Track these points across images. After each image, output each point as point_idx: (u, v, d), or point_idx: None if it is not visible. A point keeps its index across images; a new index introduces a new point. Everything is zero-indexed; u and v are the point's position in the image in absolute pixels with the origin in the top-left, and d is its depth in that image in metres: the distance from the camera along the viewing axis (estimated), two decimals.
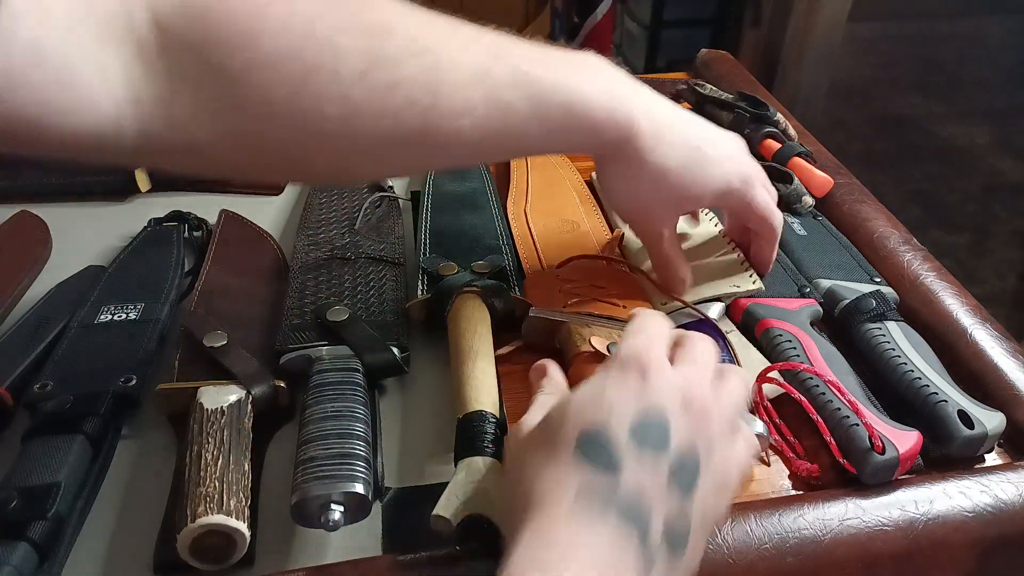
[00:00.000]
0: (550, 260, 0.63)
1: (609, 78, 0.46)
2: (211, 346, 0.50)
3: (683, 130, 0.49)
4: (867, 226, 0.66)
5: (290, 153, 0.39)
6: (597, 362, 0.50)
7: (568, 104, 0.43)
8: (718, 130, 0.52)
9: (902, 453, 0.44)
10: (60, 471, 0.43)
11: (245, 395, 0.47)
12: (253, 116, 0.37)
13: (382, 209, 0.69)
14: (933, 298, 0.58)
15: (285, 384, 0.49)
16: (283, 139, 0.38)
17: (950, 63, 3.20)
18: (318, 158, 0.40)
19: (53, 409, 0.46)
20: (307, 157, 0.40)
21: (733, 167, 0.52)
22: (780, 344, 0.53)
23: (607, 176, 0.51)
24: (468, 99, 0.40)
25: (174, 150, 0.38)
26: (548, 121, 0.43)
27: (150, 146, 0.36)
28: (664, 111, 0.48)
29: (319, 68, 0.36)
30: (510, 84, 0.41)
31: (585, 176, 0.77)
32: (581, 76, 0.44)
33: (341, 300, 0.55)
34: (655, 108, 0.48)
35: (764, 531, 0.41)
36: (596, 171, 0.52)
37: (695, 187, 0.50)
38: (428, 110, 0.39)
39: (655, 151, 0.47)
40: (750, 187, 0.53)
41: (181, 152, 0.38)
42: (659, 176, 0.48)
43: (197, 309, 0.54)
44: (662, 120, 0.47)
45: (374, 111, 0.38)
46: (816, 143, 0.80)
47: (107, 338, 0.53)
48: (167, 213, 0.68)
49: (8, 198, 0.72)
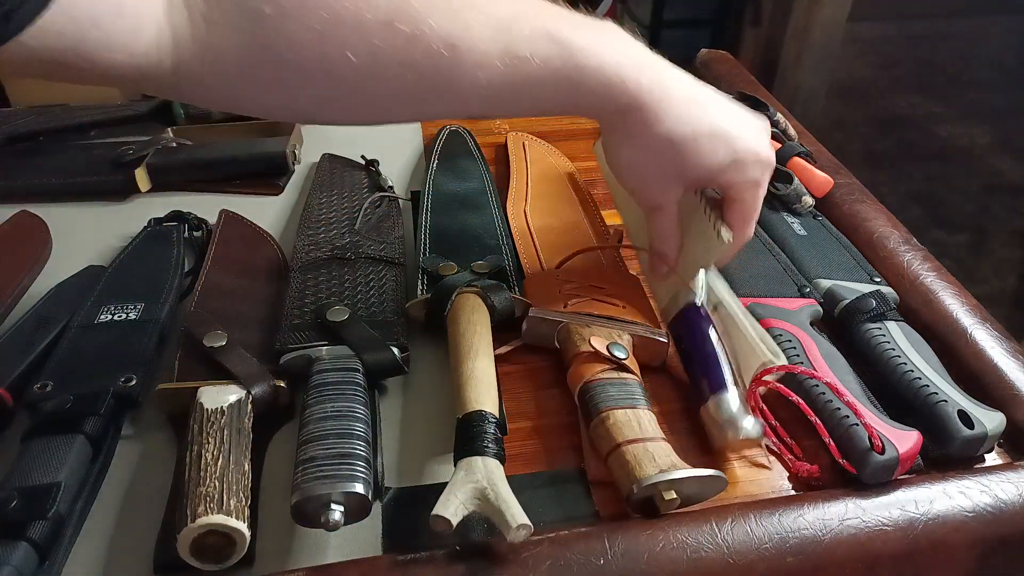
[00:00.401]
0: (550, 260, 0.63)
1: (626, 45, 0.46)
2: (211, 346, 0.50)
3: (695, 105, 0.48)
4: (867, 226, 0.66)
5: (316, 95, 0.42)
6: (597, 362, 0.50)
7: (582, 66, 0.44)
8: (740, 111, 0.51)
9: (902, 453, 0.44)
10: (60, 471, 0.43)
11: (245, 395, 0.47)
12: (282, 61, 0.39)
13: (382, 209, 0.69)
14: (933, 298, 0.58)
15: (285, 384, 0.49)
16: (309, 82, 0.40)
17: (950, 63, 3.20)
18: (340, 101, 0.42)
19: (53, 409, 0.46)
20: (331, 99, 0.42)
21: (747, 150, 0.49)
22: (780, 344, 0.53)
23: (612, 143, 0.50)
24: (487, 53, 0.41)
25: (208, 85, 0.40)
26: (561, 80, 0.44)
27: (185, 79, 0.39)
28: (677, 84, 0.48)
29: (345, 16, 0.38)
30: (528, 39, 0.42)
31: (585, 175, 0.78)
32: (600, 40, 0.45)
33: (341, 300, 0.55)
34: (668, 80, 0.47)
35: (764, 531, 0.41)
36: (602, 137, 0.52)
37: (700, 163, 0.48)
38: (447, 61, 0.41)
39: (661, 122, 0.47)
40: (755, 183, 0.51)
41: (214, 87, 0.41)
42: (663, 148, 0.48)
43: (197, 309, 0.54)
44: (674, 92, 0.47)
45: (395, 61, 0.40)
46: (816, 143, 0.80)
47: (107, 338, 0.53)
48: (167, 213, 0.68)
49: (8, 198, 0.73)
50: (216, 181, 0.76)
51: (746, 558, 0.41)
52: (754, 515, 0.42)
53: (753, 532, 0.41)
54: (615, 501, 0.45)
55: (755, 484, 0.47)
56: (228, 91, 0.41)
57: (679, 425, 0.51)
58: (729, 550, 0.41)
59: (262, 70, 0.39)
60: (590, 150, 0.84)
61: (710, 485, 0.44)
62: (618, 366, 0.49)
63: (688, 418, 0.51)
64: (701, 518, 0.42)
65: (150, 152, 0.75)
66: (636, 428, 0.45)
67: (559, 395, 0.53)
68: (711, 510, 0.43)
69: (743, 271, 0.61)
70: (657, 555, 0.40)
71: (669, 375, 0.55)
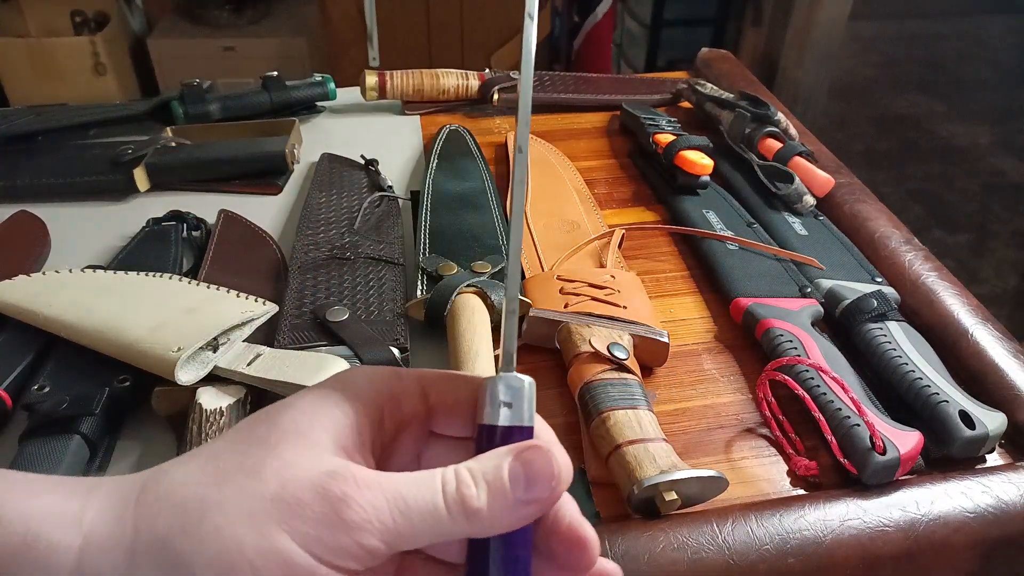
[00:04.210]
0: (550, 260, 0.63)
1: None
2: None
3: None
4: (868, 226, 0.66)
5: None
6: (597, 362, 0.49)
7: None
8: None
9: (903, 453, 0.44)
10: (56, 472, 0.42)
11: (244, 395, 0.47)
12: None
13: (382, 209, 0.69)
14: (934, 298, 0.57)
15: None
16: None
17: (951, 63, 3.19)
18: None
19: (49, 410, 0.46)
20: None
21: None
22: (781, 344, 0.53)
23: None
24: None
25: None
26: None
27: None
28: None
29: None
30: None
31: (585, 175, 0.77)
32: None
33: (341, 300, 0.55)
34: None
35: (765, 532, 0.41)
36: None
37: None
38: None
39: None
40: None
41: None
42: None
43: None
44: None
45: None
46: (817, 142, 0.80)
47: None
48: (166, 213, 0.68)
49: (7, 197, 0.72)
50: (215, 181, 0.76)
51: (747, 559, 0.40)
52: (755, 516, 0.42)
53: (754, 533, 0.41)
54: (615, 502, 0.45)
55: (756, 485, 0.47)
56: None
57: (679, 426, 0.51)
58: (730, 551, 0.40)
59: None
60: (590, 150, 0.84)
61: (711, 486, 0.43)
62: (618, 366, 0.49)
63: (688, 418, 0.51)
64: (702, 519, 0.42)
65: (149, 152, 0.75)
66: (637, 429, 0.45)
67: (559, 395, 0.52)
68: (712, 511, 0.43)
69: (744, 271, 0.61)
70: (657, 556, 0.40)
71: (669, 375, 0.55)
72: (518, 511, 0.25)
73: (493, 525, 0.25)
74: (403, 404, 0.28)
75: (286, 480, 0.24)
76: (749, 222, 0.68)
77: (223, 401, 0.46)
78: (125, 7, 2.33)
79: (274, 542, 0.23)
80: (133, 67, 2.31)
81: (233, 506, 0.23)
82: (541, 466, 0.25)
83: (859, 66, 3.07)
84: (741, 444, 0.49)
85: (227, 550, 0.23)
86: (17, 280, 0.56)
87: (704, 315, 0.61)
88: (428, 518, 0.24)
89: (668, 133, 0.77)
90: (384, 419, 0.27)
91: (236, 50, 2.26)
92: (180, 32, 2.29)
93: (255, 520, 0.23)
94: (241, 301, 0.53)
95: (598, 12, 2.33)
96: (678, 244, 0.69)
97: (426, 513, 0.24)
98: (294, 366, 0.47)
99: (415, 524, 0.24)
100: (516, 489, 0.24)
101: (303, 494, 0.23)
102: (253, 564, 0.23)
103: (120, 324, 0.50)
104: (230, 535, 0.23)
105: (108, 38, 2.16)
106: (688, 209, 0.70)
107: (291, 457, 0.24)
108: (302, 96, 0.88)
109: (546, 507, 0.26)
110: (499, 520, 0.25)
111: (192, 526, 0.23)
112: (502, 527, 0.25)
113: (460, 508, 0.24)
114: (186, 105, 0.83)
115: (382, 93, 0.89)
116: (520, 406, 0.26)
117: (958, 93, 2.96)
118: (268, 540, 0.23)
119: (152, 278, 0.56)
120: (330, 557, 0.23)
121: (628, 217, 0.73)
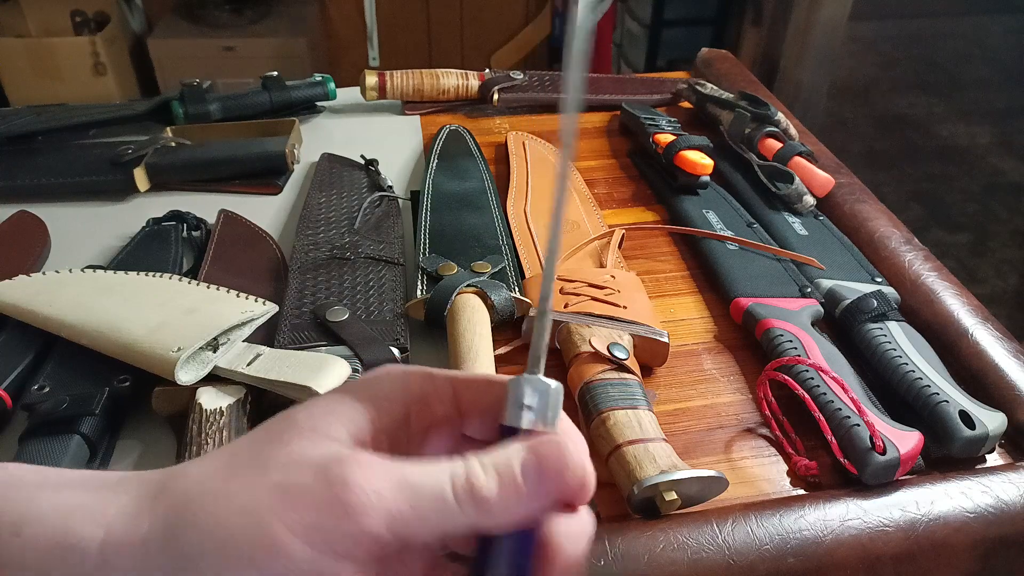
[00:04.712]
0: None
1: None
2: None
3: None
4: (868, 226, 0.66)
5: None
6: (597, 362, 0.49)
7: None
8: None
9: (903, 453, 0.44)
10: None
11: (244, 395, 0.47)
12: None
13: (381, 209, 0.69)
14: (934, 298, 0.57)
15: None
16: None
17: (951, 63, 3.19)
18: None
19: (49, 410, 0.46)
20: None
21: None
22: (781, 344, 0.53)
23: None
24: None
25: None
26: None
27: None
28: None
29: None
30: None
31: (585, 175, 0.77)
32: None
33: (341, 300, 0.55)
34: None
35: (765, 532, 0.41)
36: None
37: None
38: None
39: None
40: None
41: None
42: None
43: None
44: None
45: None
46: (817, 142, 0.80)
47: None
48: (166, 212, 0.68)
49: (7, 198, 0.72)
50: (215, 181, 0.76)
51: (747, 559, 0.40)
52: (755, 516, 0.42)
53: (754, 533, 0.41)
54: (615, 502, 0.45)
55: (756, 485, 0.47)
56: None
57: (679, 426, 0.51)
58: (730, 551, 0.40)
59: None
60: (590, 150, 0.84)
61: (711, 486, 0.43)
62: (619, 366, 0.49)
63: (688, 418, 0.51)
64: (702, 519, 0.42)
65: (149, 152, 0.75)
66: (637, 429, 0.45)
67: None
68: (712, 511, 0.43)
69: (744, 271, 0.61)
70: (657, 556, 0.40)
71: (669, 375, 0.55)
72: (529, 503, 0.24)
73: (502, 516, 0.24)
74: (433, 406, 0.27)
75: (290, 468, 0.24)
76: (749, 222, 0.68)
77: (223, 401, 0.46)
78: (125, 7, 2.33)
79: (271, 534, 0.22)
80: (133, 67, 2.31)
81: (234, 498, 0.23)
82: (555, 458, 0.24)
83: (859, 66, 3.07)
84: (741, 444, 0.49)
85: (226, 543, 0.23)
86: (17, 280, 0.56)
87: (704, 315, 0.61)
88: (434, 505, 0.23)
89: (668, 133, 0.77)
90: (411, 420, 0.27)
91: (236, 50, 2.26)
92: (180, 32, 2.29)
93: (253, 512, 0.23)
94: (241, 301, 0.53)
95: (598, 13, 2.33)
96: (678, 244, 0.69)
97: (433, 500, 0.23)
98: (294, 366, 0.47)
99: (421, 511, 0.23)
100: (527, 480, 0.24)
101: (304, 478, 0.23)
102: (251, 557, 0.22)
103: (120, 324, 0.50)
104: (228, 527, 0.23)
105: (108, 38, 2.16)
106: (688, 209, 0.70)
107: (301, 448, 0.24)
108: (302, 96, 0.88)
109: (557, 500, 0.25)
110: (509, 511, 0.24)
111: (197, 519, 0.23)
112: (511, 519, 0.24)
113: (469, 496, 0.23)
114: (186, 105, 0.83)
115: (382, 93, 0.89)
116: (544, 410, 0.25)
117: (958, 93, 2.96)
118: (264, 532, 0.23)
119: (152, 278, 0.56)
120: (332, 546, 0.23)
121: (628, 217, 0.73)
